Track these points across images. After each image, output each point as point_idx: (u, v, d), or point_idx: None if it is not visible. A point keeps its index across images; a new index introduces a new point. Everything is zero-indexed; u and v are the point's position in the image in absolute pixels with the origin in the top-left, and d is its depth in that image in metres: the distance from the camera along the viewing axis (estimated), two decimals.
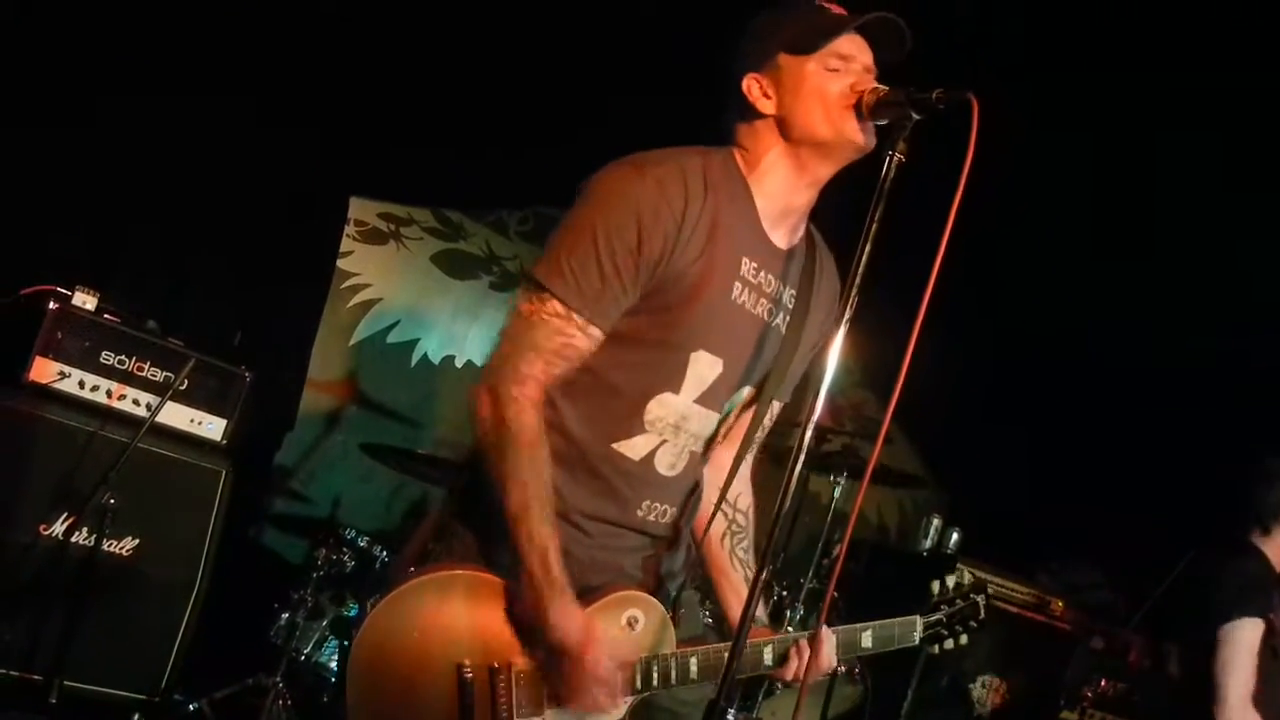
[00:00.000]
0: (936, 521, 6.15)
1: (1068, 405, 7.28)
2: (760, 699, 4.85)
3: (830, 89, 2.42)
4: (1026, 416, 7.42)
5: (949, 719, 5.67)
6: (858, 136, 2.41)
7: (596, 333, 2.37)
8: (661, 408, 2.47)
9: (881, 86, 2.37)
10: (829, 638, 2.64)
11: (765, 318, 2.55)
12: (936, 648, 2.89)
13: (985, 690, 5.70)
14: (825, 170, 2.51)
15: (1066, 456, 7.34)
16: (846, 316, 2.21)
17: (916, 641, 2.83)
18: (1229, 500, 4.58)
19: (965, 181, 2.09)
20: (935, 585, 2.91)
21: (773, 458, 2.95)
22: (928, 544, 6.12)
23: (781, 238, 2.56)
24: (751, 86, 2.50)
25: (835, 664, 2.69)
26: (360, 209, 6.23)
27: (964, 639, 2.90)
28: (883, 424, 2.25)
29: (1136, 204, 6.13)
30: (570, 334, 2.35)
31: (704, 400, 2.51)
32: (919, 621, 2.83)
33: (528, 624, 2.35)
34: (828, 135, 2.43)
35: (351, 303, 6.19)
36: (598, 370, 2.42)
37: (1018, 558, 6.32)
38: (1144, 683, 6.00)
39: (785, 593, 5.24)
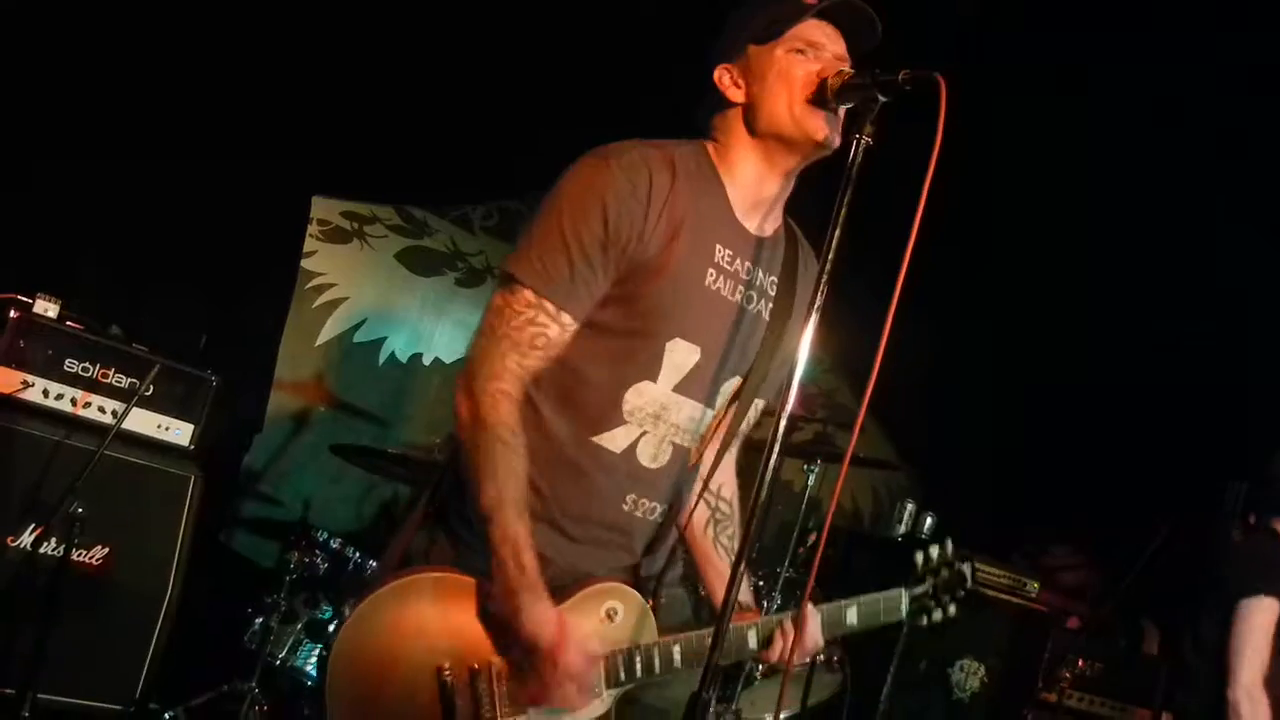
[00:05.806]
0: (911, 506, 6.17)
1: (1040, 387, 7.31)
2: (739, 689, 4.84)
3: (795, 73, 2.44)
4: (998, 399, 7.45)
5: (928, 703, 5.68)
6: (818, 133, 2.43)
7: (569, 320, 2.37)
8: (639, 397, 2.45)
9: (846, 69, 2.37)
10: (814, 616, 2.62)
11: (744, 304, 2.55)
12: (925, 619, 2.85)
13: (964, 674, 5.72)
14: (790, 162, 2.52)
15: (1039, 438, 7.38)
16: (817, 304, 2.20)
17: (903, 615, 2.80)
18: (1250, 484, 4.61)
19: (935, 163, 2.08)
20: (919, 556, 2.88)
21: (745, 448, 2.93)
22: (902, 529, 6.13)
23: (756, 227, 2.57)
24: (722, 76, 2.53)
25: (821, 643, 2.67)
26: (323, 208, 6.19)
27: (952, 609, 2.87)
28: (859, 414, 2.23)
29: (1110, 181, 6.14)
30: (543, 323, 2.35)
31: (683, 388, 2.50)
32: (904, 595, 2.81)
33: (502, 622, 2.32)
34: (788, 128, 2.45)
35: (317, 303, 6.15)
36: (573, 363, 2.41)
37: (992, 541, 6.33)
38: (1121, 661, 6.04)
39: (762, 582, 5.23)
